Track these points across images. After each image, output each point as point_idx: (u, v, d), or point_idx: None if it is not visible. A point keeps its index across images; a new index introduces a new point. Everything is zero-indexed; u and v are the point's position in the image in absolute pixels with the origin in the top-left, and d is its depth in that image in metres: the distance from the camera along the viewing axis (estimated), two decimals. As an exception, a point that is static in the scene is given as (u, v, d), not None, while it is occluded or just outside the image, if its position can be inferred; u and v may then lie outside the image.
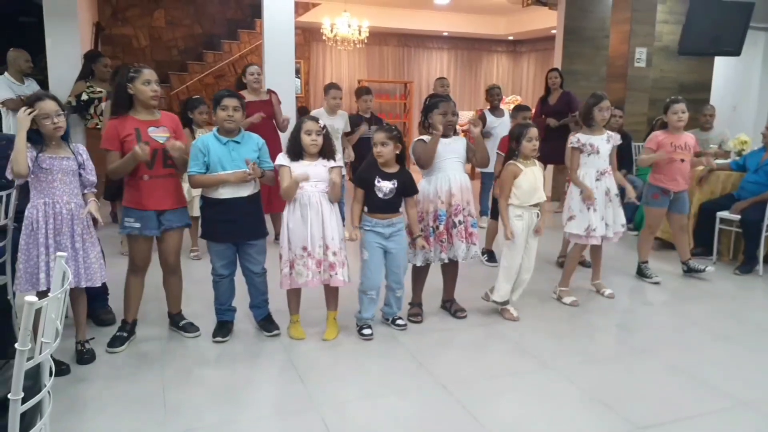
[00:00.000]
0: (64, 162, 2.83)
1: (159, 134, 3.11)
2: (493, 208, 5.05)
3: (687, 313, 4.00)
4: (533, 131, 3.63)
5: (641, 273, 4.65)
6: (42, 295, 2.65)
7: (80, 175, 2.91)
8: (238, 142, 3.26)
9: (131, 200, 3.13)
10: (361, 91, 5.81)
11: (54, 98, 2.82)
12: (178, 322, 3.43)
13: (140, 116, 3.11)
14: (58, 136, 2.82)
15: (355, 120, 5.50)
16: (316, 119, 3.28)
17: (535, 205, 3.67)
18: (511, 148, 3.70)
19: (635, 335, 3.66)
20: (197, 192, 4.43)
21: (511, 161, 3.68)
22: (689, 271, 4.71)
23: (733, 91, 8.95)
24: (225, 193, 3.21)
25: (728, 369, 3.16)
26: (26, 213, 2.81)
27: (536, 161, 3.71)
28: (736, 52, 7.09)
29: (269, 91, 5.31)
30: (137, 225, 3.11)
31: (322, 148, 3.27)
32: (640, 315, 4.03)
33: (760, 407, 2.76)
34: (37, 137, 2.77)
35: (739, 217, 4.86)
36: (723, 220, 5.01)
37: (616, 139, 4.17)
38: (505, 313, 3.80)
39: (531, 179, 3.63)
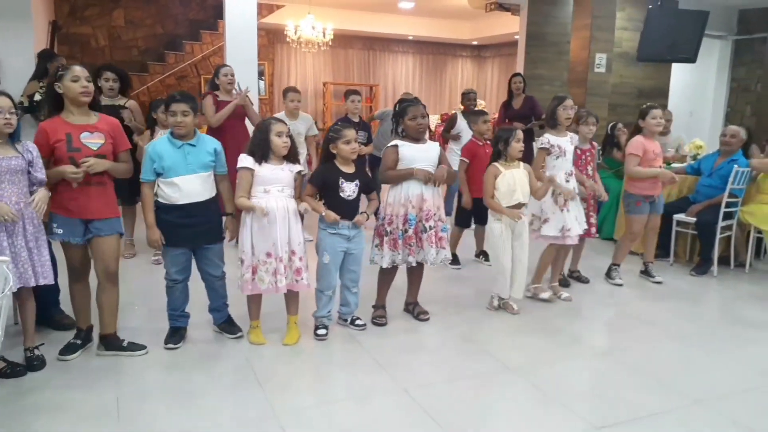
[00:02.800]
0: (12, 161, 2.73)
1: (92, 140, 2.94)
2: (456, 216, 5.06)
3: (644, 313, 4.07)
4: (520, 133, 3.73)
5: (608, 274, 4.72)
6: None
7: (29, 173, 2.81)
8: (193, 146, 3.16)
9: (58, 206, 2.95)
10: (349, 93, 5.77)
11: (8, 95, 2.72)
12: (119, 344, 3.15)
13: (73, 119, 2.93)
14: (5, 133, 2.72)
15: (343, 122, 5.44)
16: (283, 122, 3.24)
17: (516, 207, 3.71)
18: (498, 150, 3.74)
19: (593, 336, 3.71)
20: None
21: (493, 163, 3.74)
22: (645, 274, 4.80)
23: (690, 96, 9.21)
24: (181, 198, 3.12)
25: (683, 368, 3.22)
26: None
27: (521, 164, 3.75)
28: (692, 59, 7.30)
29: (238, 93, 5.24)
30: (60, 231, 2.95)
31: (289, 152, 3.22)
32: (599, 316, 4.08)
33: (714, 405, 2.81)
34: None
35: (694, 219, 4.97)
36: (679, 223, 5.12)
37: (575, 140, 4.23)
38: (507, 307, 3.93)
39: (510, 181, 3.68)
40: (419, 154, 3.51)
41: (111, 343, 3.16)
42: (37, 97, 5.37)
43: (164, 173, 3.12)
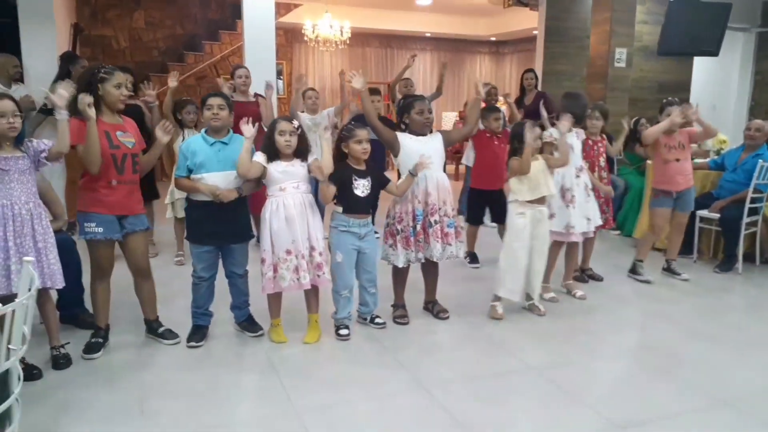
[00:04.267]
0: (20, 162, 2.77)
1: (127, 139, 3.08)
2: (469, 212, 5.04)
3: (666, 311, 4.02)
4: (537, 130, 3.70)
5: (634, 271, 4.66)
6: (6, 300, 2.59)
7: (38, 163, 2.84)
8: (225, 143, 3.22)
9: (93, 205, 3.02)
10: (369, 92, 5.78)
11: (13, 99, 2.75)
12: (156, 329, 3.35)
13: (106, 119, 3.05)
14: (11, 137, 2.74)
15: (362, 120, 5.45)
16: (290, 120, 3.24)
17: (540, 202, 3.68)
18: (514, 146, 3.70)
19: (614, 334, 3.67)
20: (181, 194, 4.41)
21: (514, 158, 3.70)
22: (668, 271, 4.74)
23: (712, 90, 9.06)
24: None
25: (708, 368, 3.17)
26: None
27: (539, 156, 3.73)
28: (714, 52, 7.18)
29: (256, 95, 5.28)
30: (99, 230, 3.01)
31: (297, 149, 3.23)
32: (620, 314, 4.04)
33: (741, 406, 2.77)
34: None
35: (718, 215, 4.90)
36: (702, 219, 5.05)
37: (582, 134, 4.21)
38: (534, 309, 3.86)
39: (533, 176, 3.64)
40: (422, 147, 3.51)
41: (150, 326, 3.37)
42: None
43: (195, 169, 3.18)
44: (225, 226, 3.21)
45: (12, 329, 1.54)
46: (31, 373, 2.84)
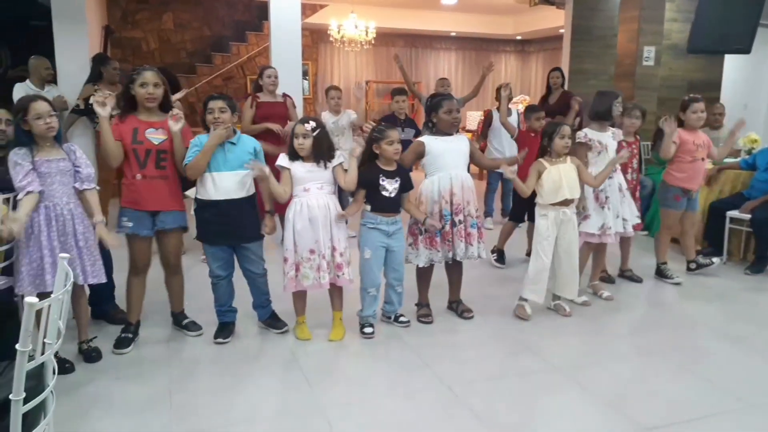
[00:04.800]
0: (61, 163, 2.86)
1: (155, 135, 3.15)
2: (512, 210, 5.02)
3: (695, 313, 3.96)
4: (566, 129, 3.67)
5: (661, 274, 4.59)
6: (44, 296, 2.66)
7: (77, 172, 2.93)
8: (233, 144, 3.25)
9: (127, 200, 3.17)
10: (395, 92, 5.82)
11: (47, 100, 2.85)
12: (180, 321, 3.46)
13: (142, 117, 3.17)
14: (50, 137, 2.84)
15: (389, 120, 5.49)
16: (306, 121, 3.24)
17: (565, 204, 3.67)
18: (543, 145, 3.71)
19: (643, 336, 3.63)
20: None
21: (538, 159, 3.71)
22: (697, 268, 4.66)
23: (744, 89, 8.88)
24: (217, 194, 3.19)
25: (737, 370, 3.12)
26: None
27: (567, 158, 3.71)
28: (746, 49, 7.01)
29: (284, 95, 5.33)
30: (130, 224, 3.14)
31: (317, 151, 3.23)
32: (648, 315, 3.99)
33: (770, 408, 2.72)
34: (26, 139, 2.81)
35: (749, 216, 4.81)
36: (733, 220, 4.96)
37: (619, 134, 4.16)
38: (559, 309, 3.84)
39: (555, 177, 3.63)
40: (448, 147, 3.53)
41: (176, 318, 3.50)
42: (92, 100, 5.56)
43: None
44: (232, 225, 3.22)
45: (48, 324, 1.59)
46: (63, 366, 2.91)
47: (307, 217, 3.22)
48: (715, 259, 4.62)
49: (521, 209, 4.80)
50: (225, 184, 3.19)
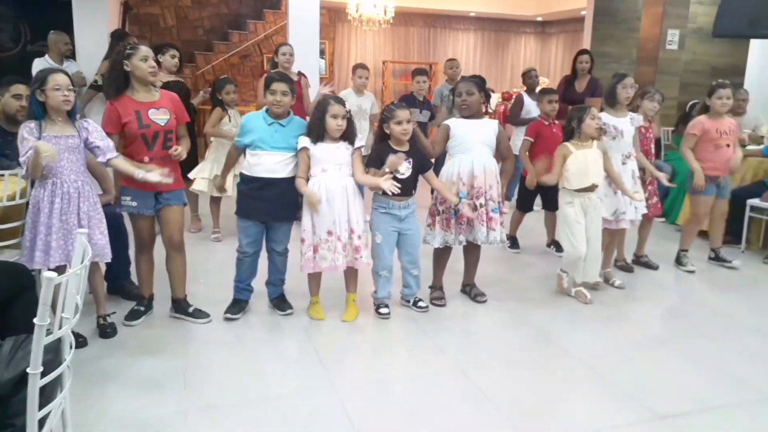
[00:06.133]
0: (70, 140, 2.81)
1: (159, 116, 3.09)
2: (518, 200, 4.93)
3: (713, 302, 3.92)
4: (594, 110, 3.62)
5: (678, 261, 4.55)
6: (60, 270, 2.68)
7: (96, 147, 2.87)
8: (282, 125, 3.26)
9: (130, 181, 3.05)
10: (416, 72, 5.73)
11: (67, 74, 2.81)
12: (185, 309, 3.36)
13: (138, 96, 3.08)
14: (64, 110, 2.78)
15: (408, 100, 5.40)
16: (343, 103, 3.24)
17: (590, 190, 3.63)
18: (571, 128, 3.65)
19: (660, 324, 3.60)
20: (218, 172, 4.45)
21: (564, 143, 3.65)
22: (716, 260, 4.61)
23: (769, 75, 8.68)
24: (261, 171, 3.22)
25: (756, 361, 3.08)
26: (32, 192, 2.82)
27: (594, 143, 3.66)
28: (775, 34, 6.85)
29: (299, 73, 5.28)
30: (134, 204, 3.10)
31: (344, 132, 3.23)
32: (666, 304, 3.95)
33: (788, 400, 2.69)
34: (39, 111, 2.75)
35: (771, 205, 4.73)
36: (753, 208, 4.88)
37: (638, 120, 4.08)
38: (580, 296, 3.80)
39: (581, 162, 3.58)
40: (473, 131, 3.50)
41: (180, 306, 3.37)
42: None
43: (251, 145, 3.25)
44: (273, 203, 3.25)
45: (65, 298, 1.60)
46: (76, 341, 2.90)
47: (325, 198, 3.21)
48: (736, 262, 4.54)
49: (528, 198, 4.73)
50: (269, 162, 3.21)
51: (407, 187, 3.36)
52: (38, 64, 5.44)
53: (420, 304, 3.58)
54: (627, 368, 2.97)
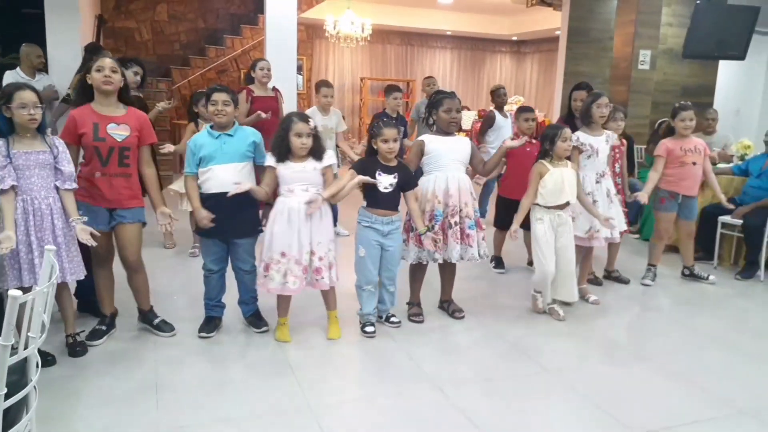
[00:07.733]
0: (41, 156, 2.75)
1: (118, 132, 3.01)
2: (496, 217, 4.92)
3: (686, 318, 3.96)
4: (567, 132, 3.63)
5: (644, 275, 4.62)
6: (26, 290, 2.61)
7: (59, 170, 2.82)
8: (230, 135, 3.20)
9: (83, 194, 3.00)
10: (390, 90, 5.69)
11: (35, 90, 2.73)
12: (151, 320, 3.33)
13: (101, 109, 3.02)
14: (32, 128, 2.73)
15: (380, 118, 5.36)
16: (307, 120, 3.16)
17: (561, 207, 3.65)
18: (544, 148, 3.67)
19: (634, 340, 3.62)
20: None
21: (540, 161, 3.67)
22: (691, 276, 4.67)
23: (737, 95, 8.93)
24: (214, 186, 3.15)
25: (728, 376, 3.12)
26: None
27: (568, 162, 3.69)
28: (740, 56, 7.06)
29: (274, 89, 5.26)
30: (84, 218, 2.97)
31: (311, 149, 3.18)
32: (639, 320, 3.99)
33: (761, 416, 2.72)
34: (6, 127, 2.69)
35: (741, 222, 4.82)
36: (725, 225, 4.97)
37: (613, 138, 4.14)
38: (553, 313, 3.80)
39: (558, 179, 3.60)
40: (447, 147, 3.51)
41: (146, 317, 3.35)
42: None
43: (202, 163, 3.18)
44: (231, 221, 3.18)
45: (32, 317, 1.55)
46: (45, 360, 2.84)
47: (286, 219, 3.14)
48: (711, 277, 4.62)
49: (505, 215, 4.73)
50: (222, 175, 3.14)
51: (391, 202, 3.35)
52: (9, 77, 5.35)
53: (392, 319, 3.55)
54: (603, 384, 2.98)
